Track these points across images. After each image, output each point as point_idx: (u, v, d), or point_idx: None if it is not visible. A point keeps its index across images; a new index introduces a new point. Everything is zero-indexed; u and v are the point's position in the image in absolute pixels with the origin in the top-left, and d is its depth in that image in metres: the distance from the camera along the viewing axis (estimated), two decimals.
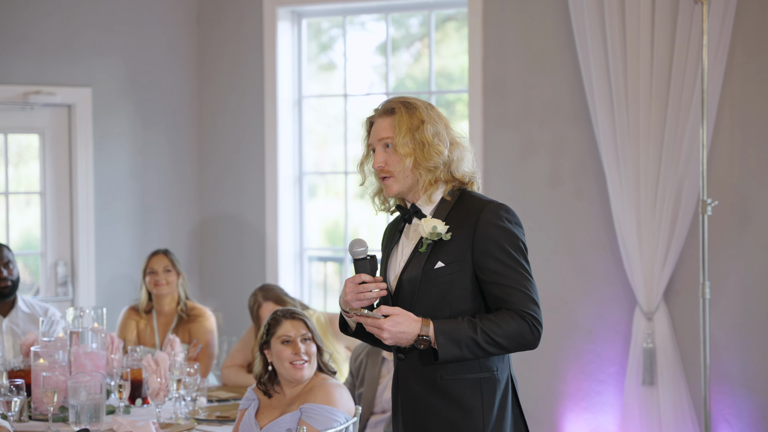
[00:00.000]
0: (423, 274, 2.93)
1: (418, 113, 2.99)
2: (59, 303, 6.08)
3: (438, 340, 2.84)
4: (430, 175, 2.98)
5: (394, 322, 2.86)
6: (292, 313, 3.92)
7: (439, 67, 6.32)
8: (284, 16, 6.41)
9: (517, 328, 2.86)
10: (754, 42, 5.22)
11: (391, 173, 2.99)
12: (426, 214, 3.01)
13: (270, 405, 3.87)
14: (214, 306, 6.19)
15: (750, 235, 5.26)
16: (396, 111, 3.00)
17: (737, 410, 5.27)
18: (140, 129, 6.45)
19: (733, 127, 5.27)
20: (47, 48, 6.10)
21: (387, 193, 3.02)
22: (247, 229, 6.52)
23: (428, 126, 2.98)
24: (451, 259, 2.92)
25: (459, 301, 2.92)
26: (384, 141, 2.99)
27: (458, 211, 2.97)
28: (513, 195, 5.77)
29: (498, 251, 2.91)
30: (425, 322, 2.87)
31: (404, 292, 2.97)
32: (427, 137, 2.97)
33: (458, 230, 2.93)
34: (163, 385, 4.23)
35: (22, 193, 6.38)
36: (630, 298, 5.48)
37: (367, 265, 2.97)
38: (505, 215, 2.95)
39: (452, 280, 2.92)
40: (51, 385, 4.04)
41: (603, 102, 5.40)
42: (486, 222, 2.92)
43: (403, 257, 3.02)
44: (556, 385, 5.66)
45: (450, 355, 2.84)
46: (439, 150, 2.97)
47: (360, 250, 2.96)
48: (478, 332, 2.84)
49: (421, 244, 2.96)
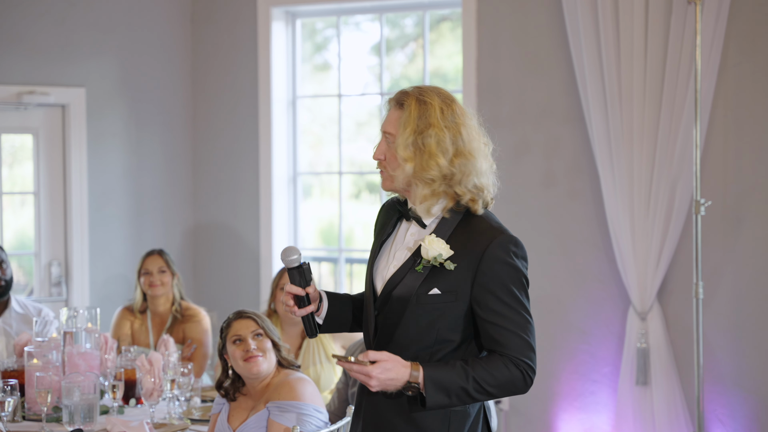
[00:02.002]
0: (416, 297, 2.71)
1: (428, 114, 2.73)
2: (53, 303, 6.08)
3: (427, 388, 2.64)
4: (427, 189, 2.74)
5: (383, 369, 2.63)
6: (240, 313, 3.91)
7: (433, 68, 6.32)
8: (278, 16, 6.41)
9: (510, 377, 2.68)
10: (747, 42, 5.23)
11: (386, 170, 2.79)
12: (426, 223, 2.79)
13: (239, 407, 3.86)
14: (207, 306, 6.19)
15: (743, 235, 5.27)
16: (406, 107, 2.75)
17: (730, 410, 5.28)
18: (134, 129, 6.44)
19: (727, 127, 5.27)
20: (41, 48, 6.09)
21: (383, 186, 2.82)
22: (242, 229, 6.51)
23: (434, 131, 2.72)
24: (448, 288, 2.70)
25: (447, 331, 2.72)
26: (387, 135, 2.78)
27: (463, 234, 2.75)
28: (507, 195, 5.76)
29: (501, 291, 2.71)
30: (414, 366, 2.65)
31: (392, 310, 2.76)
32: (429, 144, 2.71)
33: (461, 258, 2.70)
34: (156, 385, 4.23)
35: (16, 194, 6.37)
36: (624, 298, 5.49)
37: (296, 276, 2.76)
38: (513, 250, 2.75)
39: (444, 309, 2.71)
40: (44, 386, 4.03)
41: (597, 102, 5.40)
42: (493, 257, 2.70)
43: (394, 262, 2.80)
44: (550, 385, 5.66)
45: (438, 404, 2.66)
46: (438, 162, 2.72)
47: (292, 258, 2.75)
48: (470, 381, 2.65)
49: (418, 262, 2.73)
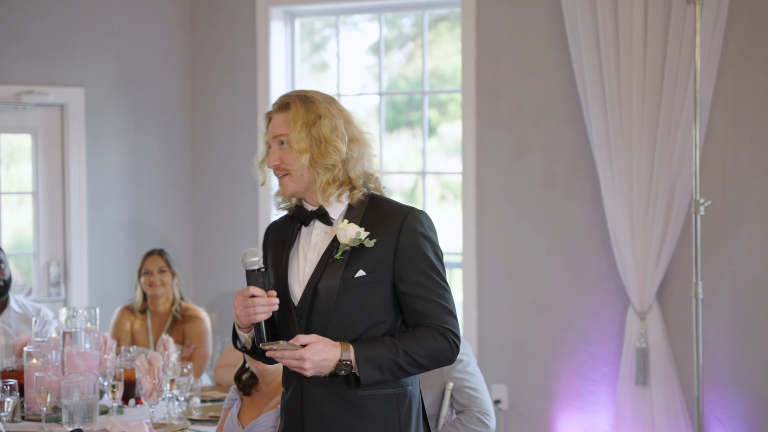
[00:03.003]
0: (342, 282, 2.72)
1: (315, 107, 2.80)
2: (52, 303, 6.07)
3: (359, 365, 2.66)
4: (328, 174, 2.77)
5: (315, 350, 2.64)
6: None
7: (432, 68, 6.32)
8: (277, 16, 6.41)
9: (437, 346, 2.71)
10: (746, 42, 5.23)
11: (287, 171, 2.79)
12: (333, 217, 2.81)
13: (251, 404, 3.86)
14: (206, 306, 6.19)
15: (743, 235, 5.27)
16: (291, 106, 2.80)
17: (730, 410, 5.28)
18: (133, 129, 6.43)
19: (726, 127, 5.28)
20: (40, 48, 6.09)
21: (282, 192, 2.83)
22: (241, 229, 6.51)
23: (325, 120, 2.78)
24: (372, 268, 2.73)
25: (379, 312, 2.75)
26: (279, 138, 2.79)
27: (374, 216, 2.78)
28: (506, 195, 5.78)
29: (421, 262, 2.74)
30: (345, 346, 2.67)
31: (320, 302, 2.75)
32: (324, 132, 2.76)
33: (378, 236, 2.74)
34: (156, 385, 4.23)
35: (15, 194, 6.36)
36: (623, 298, 5.49)
37: (259, 278, 2.73)
38: (426, 222, 2.78)
39: (373, 289, 2.73)
40: (44, 386, 4.03)
41: (596, 102, 5.40)
42: (411, 230, 2.74)
43: (308, 263, 2.80)
44: (549, 385, 5.66)
45: (372, 380, 2.67)
46: (337, 147, 2.76)
47: (253, 260, 2.73)
48: (400, 354, 2.68)
49: (336, 249, 2.75)
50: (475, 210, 5.79)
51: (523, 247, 5.72)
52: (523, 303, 5.71)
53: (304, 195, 2.83)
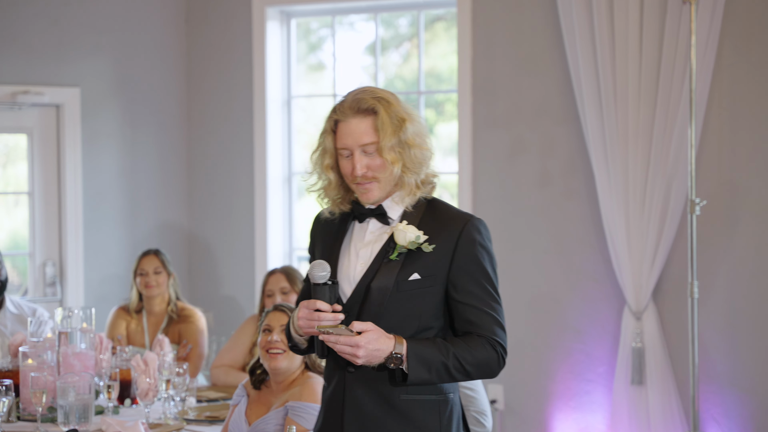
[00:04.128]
0: (396, 284, 2.69)
1: (396, 110, 2.71)
2: (48, 303, 6.06)
3: (409, 361, 2.63)
4: (417, 177, 2.73)
5: (370, 339, 2.61)
6: (279, 307, 3.90)
7: (428, 67, 6.32)
8: (273, 16, 6.40)
9: (486, 357, 2.68)
10: (742, 42, 5.24)
11: (375, 179, 2.72)
12: (392, 217, 2.76)
13: (259, 401, 3.87)
14: (202, 306, 6.18)
15: (738, 234, 5.28)
16: (377, 111, 2.69)
17: (725, 409, 5.29)
18: (129, 129, 6.43)
19: (722, 126, 5.28)
20: (35, 48, 6.08)
21: (365, 199, 2.74)
22: (237, 229, 6.51)
23: (408, 125, 2.70)
24: (427, 272, 2.70)
25: (429, 318, 2.72)
26: (367, 146, 2.69)
27: (433, 219, 2.74)
28: (502, 195, 5.78)
29: (477, 272, 2.71)
30: (398, 339, 2.64)
31: (372, 302, 2.71)
32: (409, 138, 2.70)
33: (436, 241, 2.70)
34: (152, 385, 4.22)
35: (10, 194, 6.35)
36: (619, 298, 5.50)
37: (326, 293, 2.70)
38: (485, 232, 2.76)
39: (425, 294, 2.70)
40: (39, 386, 4.02)
41: (592, 102, 5.41)
42: (469, 239, 2.72)
43: (361, 260, 2.76)
44: (545, 385, 5.67)
45: (419, 378, 2.64)
46: (422, 150, 2.72)
47: (321, 274, 2.70)
48: (450, 357, 2.65)
49: (392, 250, 2.71)
50: (472, 210, 5.79)
51: (518, 246, 5.72)
52: (519, 303, 5.71)
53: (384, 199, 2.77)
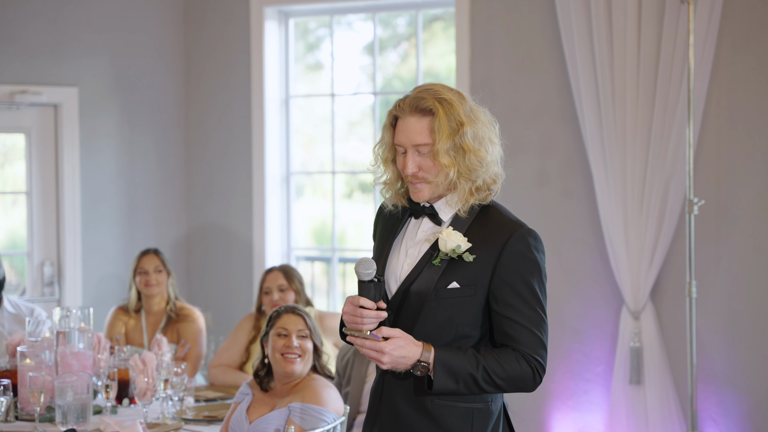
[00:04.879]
0: (435, 291, 2.66)
1: (456, 113, 2.65)
2: (46, 303, 6.06)
3: (436, 370, 2.61)
4: (471, 184, 2.69)
5: (396, 346, 2.61)
6: (293, 309, 3.92)
7: (426, 67, 6.32)
8: (271, 15, 6.40)
9: (520, 373, 2.64)
10: (740, 41, 5.24)
11: (426, 180, 2.69)
12: (443, 219, 2.73)
13: (262, 400, 3.88)
14: (200, 306, 6.18)
15: (736, 234, 5.28)
16: (435, 112, 2.65)
17: (723, 409, 5.29)
18: (127, 129, 6.43)
19: (720, 126, 5.28)
20: (33, 47, 6.08)
21: (417, 198, 2.72)
22: (235, 228, 6.51)
23: (468, 129, 2.64)
24: (467, 281, 2.65)
25: (466, 326, 2.68)
26: (421, 146, 2.66)
27: (482, 226, 2.70)
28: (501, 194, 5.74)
29: (520, 284, 2.64)
30: (426, 347, 2.62)
31: (410, 305, 2.70)
32: (467, 142, 2.64)
33: (480, 250, 2.66)
34: (150, 384, 4.22)
35: (8, 193, 6.35)
36: (617, 297, 5.50)
37: (371, 290, 2.67)
38: (533, 243, 2.67)
39: (464, 303, 2.66)
40: (37, 386, 4.02)
41: (590, 102, 5.41)
42: (514, 250, 2.65)
43: (408, 259, 2.74)
44: (543, 384, 5.67)
45: (444, 388, 2.62)
46: (480, 156, 2.66)
47: (367, 272, 2.66)
48: (479, 370, 2.61)
49: (436, 255, 2.68)
50: None
51: None
52: None
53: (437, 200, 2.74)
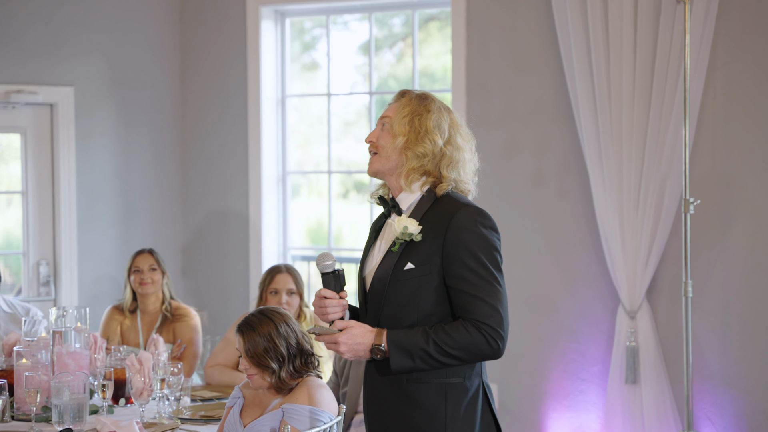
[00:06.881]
0: (393, 274, 2.89)
1: (427, 104, 2.97)
2: (42, 303, 6.06)
3: (390, 351, 2.83)
4: (416, 162, 2.93)
5: (349, 335, 2.87)
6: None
7: (422, 67, 6.32)
8: (267, 15, 6.40)
9: (471, 340, 2.81)
10: (736, 41, 5.25)
11: (378, 149, 2.97)
12: (403, 209, 2.98)
13: (254, 403, 3.87)
14: (196, 306, 6.18)
15: (732, 233, 5.29)
16: (407, 95, 2.99)
17: (719, 408, 5.30)
18: (123, 128, 6.42)
19: (716, 126, 5.29)
20: (29, 47, 6.07)
21: (368, 170, 3.01)
22: (231, 228, 6.50)
23: (433, 116, 2.94)
24: (421, 261, 2.87)
25: (427, 305, 2.88)
26: (384, 119, 2.99)
27: (435, 211, 2.91)
28: (496, 194, 5.78)
29: (468, 258, 2.84)
30: (379, 332, 2.86)
31: (374, 292, 2.95)
32: (426, 125, 2.92)
33: (431, 231, 2.88)
34: (146, 384, 4.22)
35: (4, 193, 6.34)
36: (613, 297, 5.50)
37: (331, 281, 2.95)
38: (480, 219, 2.88)
39: (421, 282, 2.87)
40: (34, 385, 4.01)
41: (586, 101, 5.41)
42: (458, 226, 2.86)
43: (379, 255, 2.99)
44: (539, 384, 5.67)
45: (402, 366, 2.83)
46: (434, 139, 2.92)
47: (326, 264, 2.93)
48: (430, 344, 2.80)
49: (395, 243, 2.92)
50: None
51: (513, 246, 5.72)
52: (513, 302, 5.71)
53: (387, 178, 3.00)
